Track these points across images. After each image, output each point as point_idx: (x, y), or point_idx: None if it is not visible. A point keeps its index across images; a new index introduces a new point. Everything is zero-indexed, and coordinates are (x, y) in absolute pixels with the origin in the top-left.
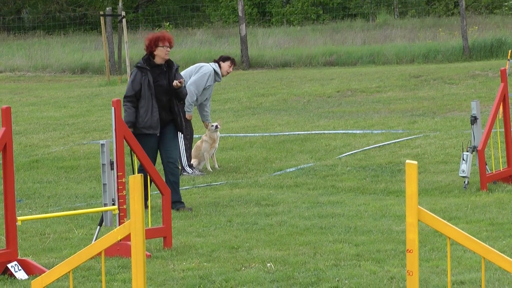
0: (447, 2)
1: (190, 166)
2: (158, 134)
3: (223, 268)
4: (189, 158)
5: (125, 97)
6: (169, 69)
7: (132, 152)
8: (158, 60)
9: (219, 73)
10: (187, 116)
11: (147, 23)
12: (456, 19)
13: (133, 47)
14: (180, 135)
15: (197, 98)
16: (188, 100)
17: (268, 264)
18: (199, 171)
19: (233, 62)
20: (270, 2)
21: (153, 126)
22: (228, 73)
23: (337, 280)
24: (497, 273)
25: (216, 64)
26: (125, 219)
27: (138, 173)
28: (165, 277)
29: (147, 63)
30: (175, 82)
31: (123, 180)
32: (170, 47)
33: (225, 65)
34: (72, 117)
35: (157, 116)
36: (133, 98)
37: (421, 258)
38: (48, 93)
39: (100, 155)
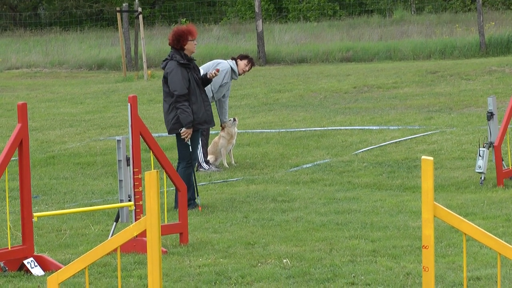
0: None
1: (207, 162)
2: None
3: (239, 264)
4: (205, 154)
5: (178, 97)
6: (192, 61)
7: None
8: (188, 54)
9: (236, 70)
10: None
11: (164, 19)
12: (473, 15)
13: (149, 43)
14: None
15: (213, 95)
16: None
17: (284, 260)
18: (216, 167)
19: (250, 61)
20: None
21: (208, 120)
22: (244, 72)
23: (353, 276)
24: None
25: (233, 62)
26: (141, 215)
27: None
28: (181, 273)
29: (186, 58)
30: (213, 72)
31: (139, 176)
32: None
33: (242, 63)
34: (89, 113)
35: (210, 109)
36: (187, 97)
37: (437, 254)
38: (65, 89)
39: (116, 151)
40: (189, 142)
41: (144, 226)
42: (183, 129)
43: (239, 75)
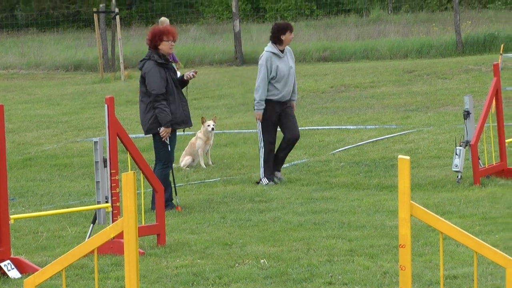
0: None
1: (267, 177)
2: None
3: (216, 265)
4: (267, 169)
5: (156, 96)
6: (169, 62)
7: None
8: (164, 54)
9: (277, 52)
10: (257, 115)
11: (141, 20)
12: (449, 14)
13: (126, 44)
14: (261, 142)
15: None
16: (256, 97)
17: (262, 261)
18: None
19: (287, 29)
20: None
21: (185, 120)
22: (290, 40)
23: (331, 276)
24: (489, 267)
25: (272, 45)
26: (118, 216)
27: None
28: (158, 275)
29: (164, 58)
30: (190, 74)
31: (116, 178)
32: (174, 41)
33: (286, 37)
34: (66, 115)
35: (187, 110)
36: (165, 96)
37: (414, 253)
38: (42, 91)
39: (93, 153)
40: (167, 141)
41: (121, 227)
42: (162, 128)
43: (286, 45)
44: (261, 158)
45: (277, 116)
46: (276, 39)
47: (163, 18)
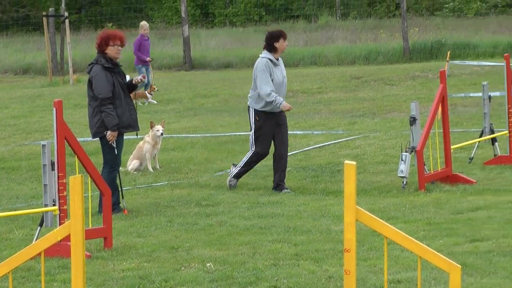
0: (389, 4)
1: (237, 177)
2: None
3: (162, 268)
4: (240, 173)
5: (103, 100)
6: (118, 67)
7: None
8: (112, 59)
9: (272, 59)
10: (285, 106)
11: (90, 24)
12: (397, 21)
13: (75, 48)
14: (251, 149)
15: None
16: (267, 97)
17: (208, 264)
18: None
19: (281, 36)
20: (213, 3)
21: (132, 124)
22: (285, 48)
23: (276, 280)
24: (433, 272)
25: (266, 51)
26: (65, 219)
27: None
28: (104, 278)
29: (112, 62)
30: (138, 78)
31: (64, 181)
32: (122, 46)
33: (279, 44)
34: (14, 118)
35: (135, 114)
36: (112, 100)
37: (359, 257)
38: None
39: (41, 156)
40: (114, 145)
41: (68, 230)
42: (109, 132)
43: (281, 53)
44: (244, 160)
45: (273, 128)
46: (270, 47)
47: (143, 22)
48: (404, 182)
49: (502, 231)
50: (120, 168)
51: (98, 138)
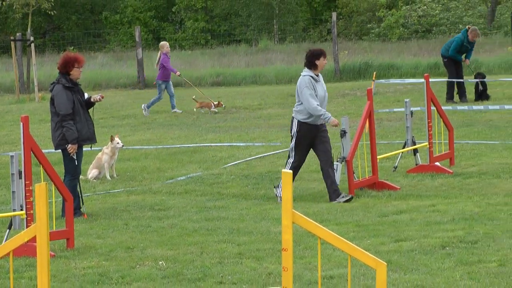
0: (321, 30)
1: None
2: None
3: (119, 266)
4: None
5: (64, 116)
6: (77, 85)
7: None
8: (73, 79)
9: (313, 76)
10: (333, 122)
11: (54, 47)
12: (329, 45)
13: (40, 69)
14: (290, 158)
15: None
16: (314, 110)
17: (160, 262)
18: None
19: (321, 54)
20: (164, 29)
21: (90, 137)
22: (324, 66)
23: (221, 276)
24: (362, 269)
25: (307, 69)
26: (32, 222)
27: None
28: (67, 275)
29: (72, 82)
30: (98, 97)
31: (30, 188)
32: (82, 67)
33: (320, 62)
34: None
35: (92, 128)
36: (72, 116)
37: (296, 256)
38: None
39: (9, 166)
40: (74, 156)
41: (34, 232)
42: (69, 145)
43: (321, 70)
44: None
45: (312, 139)
46: (311, 64)
47: (164, 42)
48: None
49: (423, 232)
50: (81, 176)
51: (60, 150)
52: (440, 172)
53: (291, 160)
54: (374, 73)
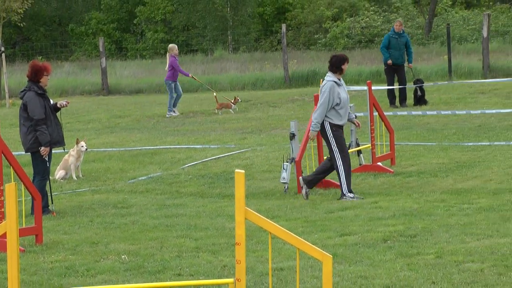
0: (272, 40)
1: (350, 191)
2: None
3: (85, 260)
4: (349, 183)
5: (37, 121)
6: (46, 93)
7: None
8: (42, 86)
9: (337, 80)
10: (312, 135)
11: (23, 57)
12: (279, 54)
13: (11, 77)
14: (339, 160)
15: (338, 112)
16: (314, 120)
17: (123, 256)
18: (357, 196)
19: (346, 60)
20: (126, 39)
21: (60, 141)
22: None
23: (180, 269)
24: (310, 261)
25: (331, 73)
26: (2, 220)
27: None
28: (36, 268)
29: (42, 89)
30: (64, 102)
31: (1, 188)
32: (50, 75)
33: (345, 66)
34: None
35: (61, 132)
36: (45, 121)
37: (248, 249)
38: None
39: None
40: (46, 158)
41: (5, 229)
42: (42, 148)
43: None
44: (342, 174)
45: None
46: (337, 69)
47: (173, 45)
48: (286, 187)
49: (366, 226)
50: (50, 177)
51: (30, 153)
52: (382, 172)
53: (340, 161)
54: (321, 80)
